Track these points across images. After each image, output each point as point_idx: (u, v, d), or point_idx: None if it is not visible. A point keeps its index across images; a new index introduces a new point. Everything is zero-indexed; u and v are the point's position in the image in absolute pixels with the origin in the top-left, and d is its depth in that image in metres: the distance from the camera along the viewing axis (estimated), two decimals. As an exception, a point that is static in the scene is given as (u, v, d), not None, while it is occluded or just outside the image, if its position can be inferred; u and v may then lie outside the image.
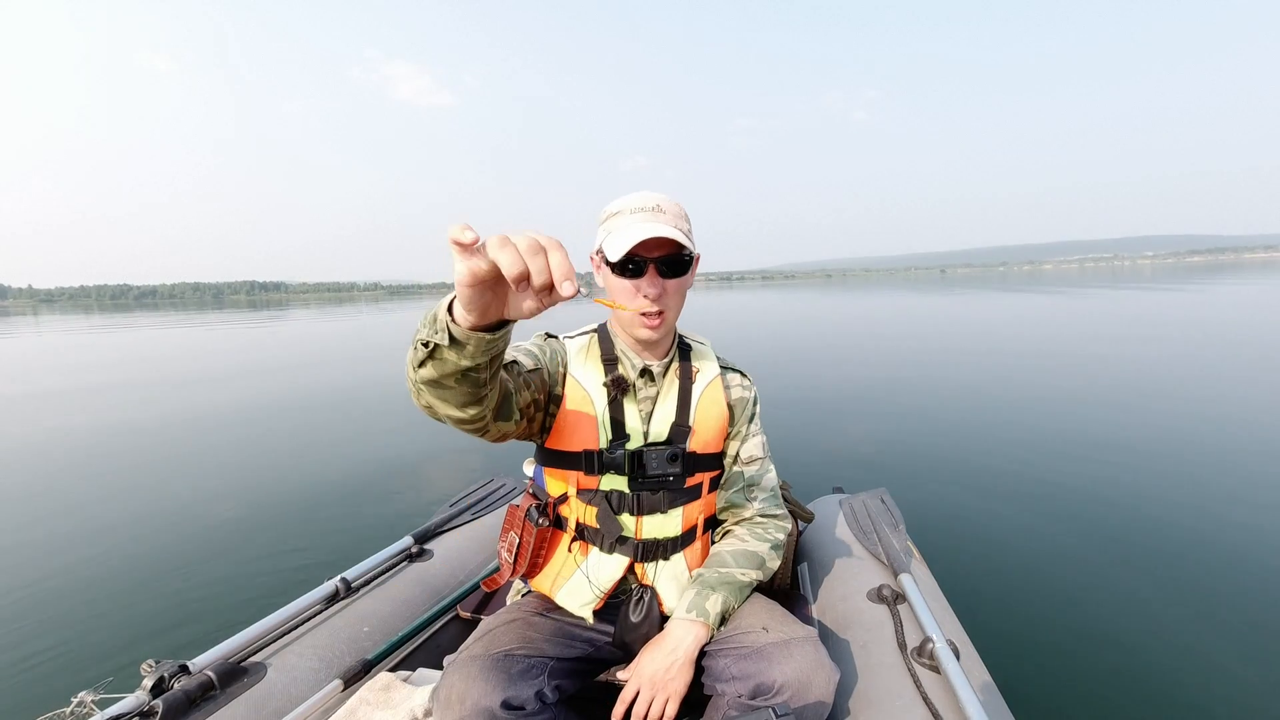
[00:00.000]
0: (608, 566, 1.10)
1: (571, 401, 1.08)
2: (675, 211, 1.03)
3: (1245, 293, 19.52)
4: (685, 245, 1.00)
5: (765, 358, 9.13)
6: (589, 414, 1.08)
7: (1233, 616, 2.09)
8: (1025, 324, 12.95)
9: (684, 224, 1.04)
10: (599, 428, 1.08)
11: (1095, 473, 3.52)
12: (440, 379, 0.73)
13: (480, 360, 0.71)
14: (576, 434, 1.08)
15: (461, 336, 0.67)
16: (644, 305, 1.01)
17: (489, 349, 0.70)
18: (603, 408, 1.08)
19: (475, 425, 0.85)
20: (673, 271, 1.02)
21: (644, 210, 1.01)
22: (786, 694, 0.92)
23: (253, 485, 3.93)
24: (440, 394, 0.76)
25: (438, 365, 0.71)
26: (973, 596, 2.18)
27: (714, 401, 1.15)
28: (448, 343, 0.68)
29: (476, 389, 0.77)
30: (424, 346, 0.70)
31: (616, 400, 1.09)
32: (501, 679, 0.89)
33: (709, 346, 1.23)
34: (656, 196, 1.03)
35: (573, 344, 1.14)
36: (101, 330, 23.69)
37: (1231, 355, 7.34)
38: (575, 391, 1.09)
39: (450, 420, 0.82)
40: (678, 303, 1.07)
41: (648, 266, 1.00)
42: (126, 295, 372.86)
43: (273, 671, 1.17)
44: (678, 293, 1.05)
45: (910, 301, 24.35)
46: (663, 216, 1.01)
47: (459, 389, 0.75)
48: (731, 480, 1.20)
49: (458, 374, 0.72)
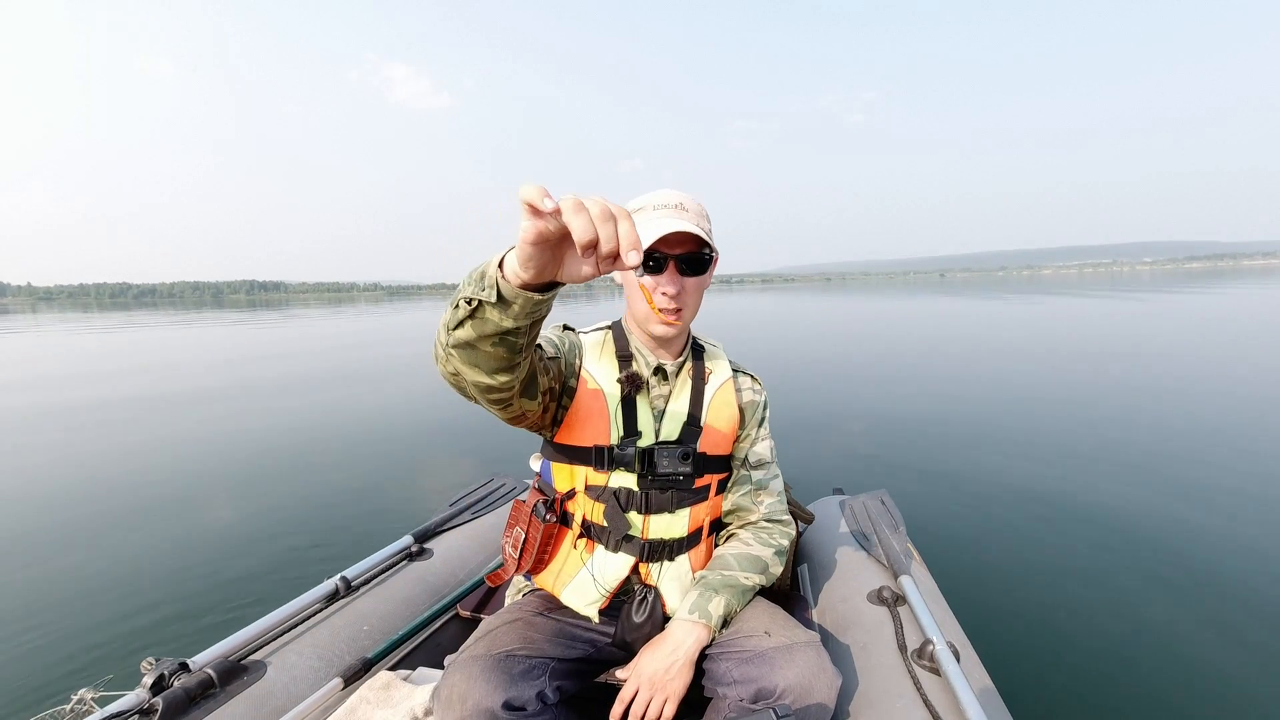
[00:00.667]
0: (613, 565, 1.09)
1: (584, 396, 1.08)
2: (697, 210, 1.04)
3: (1245, 298, 19.55)
4: (707, 242, 1.01)
5: (766, 358, 9.13)
6: (601, 409, 1.08)
7: (1233, 618, 2.10)
8: (1025, 328, 12.96)
9: (705, 223, 1.04)
10: (611, 423, 1.08)
11: (1096, 475, 3.52)
12: (477, 340, 0.72)
13: (522, 323, 0.70)
14: (588, 429, 1.08)
15: (510, 294, 0.66)
16: (664, 301, 1.02)
17: (534, 311, 0.69)
18: (615, 404, 1.08)
19: (502, 394, 0.83)
20: (692, 269, 1.03)
21: (667, 207, 1.02)
22: (788, 699, 0.91)
23: (254, 483, 3.92)
24: (473, 358, 0.75)
25: (477, 325, 0.70)
26: (973, 598, 2.18)
27: (726, 403, 1.15)
28: (495, 300, 0.67)
29: (512, 355, 0.76)
30: (466, 304, 0.70)
31: (629, 397, 1.09)
32: (503, 679, 0.89)
33: (721, 349, 1.24)
34: (679, 195, 1.04)
35: (588, 339, 1.14)
36: (102, 331, 23.67)
37: (1235, 359, 7.35)
38: (589, 386, 1.09)
39: (477, 389, 0.81)
40: (695, 301, 1.07)
41: (668, 263, 1.01)
42: (126, 294, 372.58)
43: (273, 670, 1.17)
44: (696, 291, 1.06)
45: (910, 305, 24.38)
46: (685, 215, 1.01)
47: (495, 352, 0.74)
48: (739, 483, 1.19)
49: (497, 336, 0.71)
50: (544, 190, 0.56)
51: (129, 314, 43.75)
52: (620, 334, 1.15)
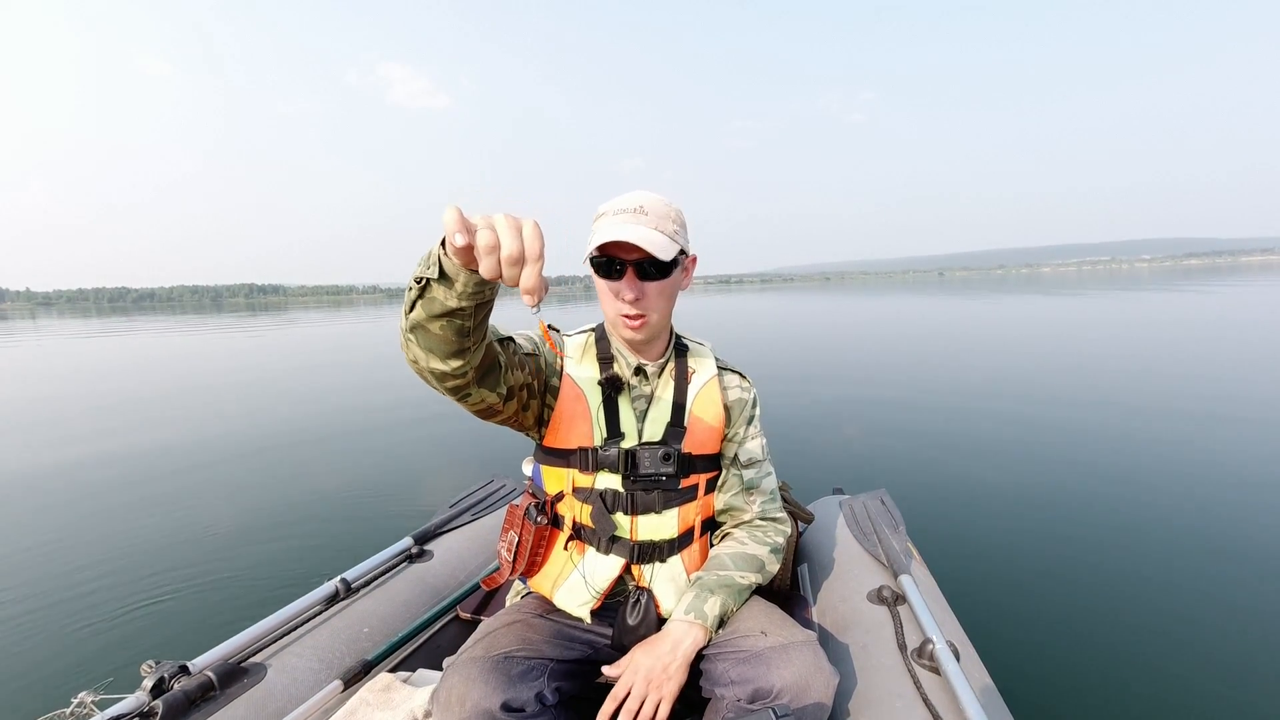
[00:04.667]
0: (604, 567, 1.10)
1: (567, 398, 1.09)
2: (660, 212, 1.00)
3: (1245, 294, 19.55)
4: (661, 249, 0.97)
5: (766, 359, 9.13)
6: (584, 411, 1.09)
7: (1233, 618, 2.10)
8: (1025, 326, 12.96)
9: (668, 224, 1.01)
10: (594, 425, 1.08)
11: (1095, 474, 3.52)
12: (427, 321, 0.76)
13: (466, 303, 0.74)
14: (572, 431, 1.09)
15: (451, 271, 0.71)
16: (624, 307, 1.02)
17: (477, 292, 0.73)
18: (597, 405, 1.09)
19: (458, 380, 0.86)
20: (656, 273, 1.00)
21: (626, 211, 0.99)
22: (785, 698, 0.91)
23: (253, 486, 3.92)
24: (426, 340, 0.78)
25: (426, 305, 0.74)
26: (972, 598, 2.18)
27: (710, 402, 1.15)
28: (438, 276, 0.71)
29: (460, 338, 0.79)
30: (416, 284, 0.74)
31: (611, 398, 1.09)
32: (501, 681, 0.89)
33: (708, 348, 1.23)
34: (644, 197, 1.01)
35: (571, 341, 1.15)
36: (101, 335, 23.66)
37: (1237, 356, 7.35)
38: (571, 389, 1.09)
39: (434, 375, 0.84)
40: (662, 304, 1.05)
41: (627, 268, 1.00)
42: (125, 298, 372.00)
43: (273, 672, 1.17)
44: (661, 295, 1.04)
45: (910, 304, 24.37)
46: (643, 219, 0.99)
47: (444, 335, 0.77)
48: (730, 483, 1.19)
49: (445, 316, 0.75)
50: (459, 221, 0.62)
51: (130, 319, 43.74)
52: (603, 335, 1.15)
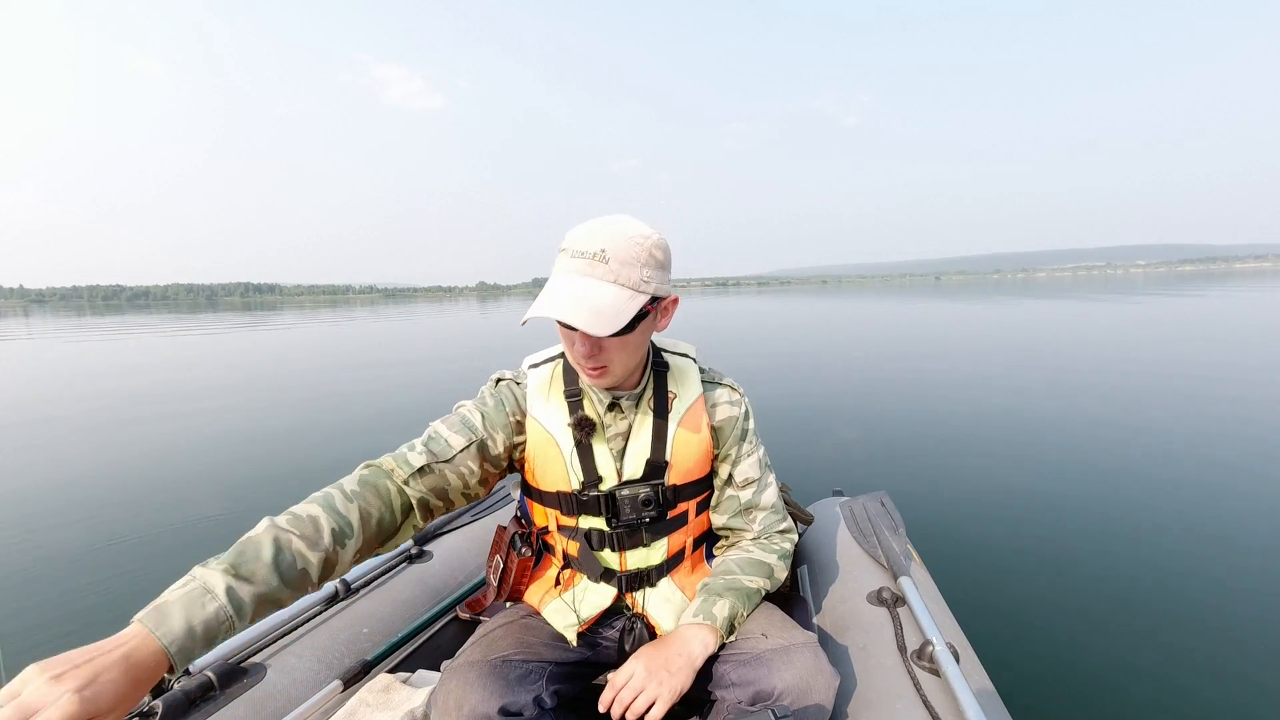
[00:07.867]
0: (595, 596, 1.08)
1: (536, 445, 1.02)
2: (626, 255, 0.85)
3: (1239, 300, 19.66)
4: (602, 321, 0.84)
5: (766, 359, 9.15)
6: (555, 456, 1.01)
7: (1232, 621, 2.11)
8: (1024, 330, 13.01)
9: (634, 272, 0.85)
10: (568, 470, 1.02)
11: (1095, 477, 3.54)
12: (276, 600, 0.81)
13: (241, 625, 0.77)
14: (547, 476, 1.03)
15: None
16: (579, 360, 0.93)
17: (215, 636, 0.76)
18: (570, 450, 1.01)
19: (396, 539, 0.98)
20: None
21: (583, 257, 0.86)
22: (787, 700, 0.91)
23: (253, 485, 3.91)
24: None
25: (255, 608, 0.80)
26: (972, 600, 2.18)
27: (695, 428, 1.06)
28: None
29: (295, 593, 0.83)
30: None
31: (583, 442, 1.01)
32: (499, 685, 0.88)
33: (691, 359, 1.11)
34: (610, 234, 0.86)
35: (534, 377, 1.06)
36: (97, 335, 23.54)
37: (1237, 361, 7.39)
38: (538, 434, 1.02)
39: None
40: (625, 356, 0.93)
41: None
42: (119, 296, 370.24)
43: (272, 672, 1.16)
44: (623, 349, 0.92)
45: (909, 308, 24.43)
46: (599, 268, 0.85)
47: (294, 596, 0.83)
48: (727, 505, 1.12)
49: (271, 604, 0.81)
50: None
51: (122, 316, 43.53)
52: (569, 367, 1.05)
